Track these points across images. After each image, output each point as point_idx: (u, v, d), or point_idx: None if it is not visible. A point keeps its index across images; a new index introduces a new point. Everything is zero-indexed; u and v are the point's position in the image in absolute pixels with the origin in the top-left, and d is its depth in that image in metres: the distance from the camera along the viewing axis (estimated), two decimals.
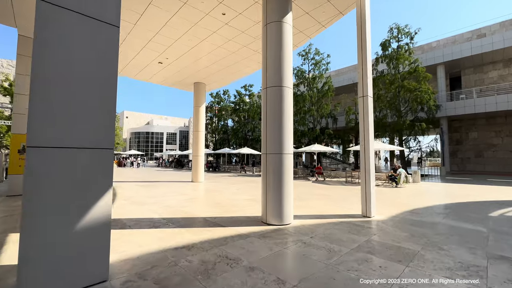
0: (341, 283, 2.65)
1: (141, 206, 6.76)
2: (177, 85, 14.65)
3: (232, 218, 5.45)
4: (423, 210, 6.51)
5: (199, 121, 13.82)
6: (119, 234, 4.22)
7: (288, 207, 5.00)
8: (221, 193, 9.38)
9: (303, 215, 5.79)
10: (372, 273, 2.89)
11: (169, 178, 16.24)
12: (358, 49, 6.05)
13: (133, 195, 8.66)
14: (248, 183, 13.42)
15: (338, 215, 5.81)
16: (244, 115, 35.56)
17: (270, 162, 5.06)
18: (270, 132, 5.10)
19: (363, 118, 5.83)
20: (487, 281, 2.72)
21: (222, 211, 6.18)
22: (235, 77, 13.04)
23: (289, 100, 5.20)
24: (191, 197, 8.48)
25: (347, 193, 9.70)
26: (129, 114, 71.46)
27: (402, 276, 2.81)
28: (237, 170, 23.89)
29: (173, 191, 9.92)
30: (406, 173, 12.00)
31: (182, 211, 6.10)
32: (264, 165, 5.19)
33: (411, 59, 19.95)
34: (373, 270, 2.95)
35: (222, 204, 7.19)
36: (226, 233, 4.38)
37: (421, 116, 20.61)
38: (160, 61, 10.94)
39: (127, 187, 10.89)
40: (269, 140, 5.11)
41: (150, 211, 6.06)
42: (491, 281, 2.73)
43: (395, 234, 4.40)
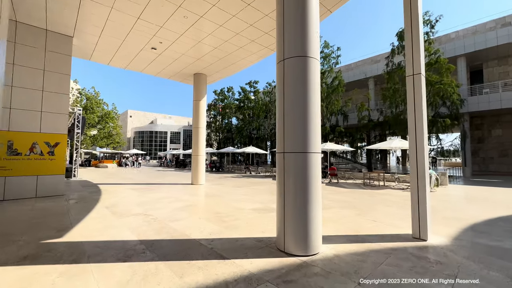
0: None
1: (121, 218, 5.34)
2: (175, 77, 13.23)
3: (236, 241, 3.98)
4: (487, 227, 4.95)
5: (199, 117, 12.37)
6: (60, 276, 2.79)
7: (316, 229, 3.51)
8: (223, 199, 7.93)
9: (332, 235, 4.30)
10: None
11: (168, 179, 14.86)
12: (405, 15, 4.52)
13: (119, 202, 7.27)
14: (254, 185, 11.95)
15: (380, 236, 4.29)
16: (249, 112, 34.09)
17: (290, 164, 3.57)
18: (289, 123, 3.61)
19: (413, 103, 4.29)
20: None
21: (222, 228, 4.72)
22: (239, 66, 11.56)
23: (316, 76, 3.70)
24: (187, 204, 7.05)
25: (372, 200, 8.15)
26: (132, 113, 70.71)
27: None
28: (242, 171, 22.46)
29: (168, 196, 8.51)
30: (436, 175, 10.39)
31: (171, 228, 4.65)
32: (281, 169, 3.70)
33: (431, 50, 18.20)
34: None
35: (224, 215, 5.73)
36: (227, 272, 2.91)
37: (442, 111, 18.86)
38: (153, 46, 9.52)
39: (117, 191, 9.52)
40: (288, 134, 3.61)
41: (129, 229, 4.62)
42: None
43: (483, 274, 2.88)
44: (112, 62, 11.14)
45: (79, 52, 10.16)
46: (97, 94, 29.27)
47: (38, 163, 8.04)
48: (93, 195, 8.61)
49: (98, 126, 29.21)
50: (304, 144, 3.51)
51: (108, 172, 20.46)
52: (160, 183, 12.76)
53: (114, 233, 4.34)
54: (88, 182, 12.89)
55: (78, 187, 10.79)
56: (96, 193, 9.07)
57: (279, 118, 3.77)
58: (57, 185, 8.36)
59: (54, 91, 8.39)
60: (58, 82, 8.48)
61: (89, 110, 27.62)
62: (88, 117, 27.09)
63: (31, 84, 7.97)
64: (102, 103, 29.41)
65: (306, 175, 3.49)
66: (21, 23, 7.84)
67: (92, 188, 10.33)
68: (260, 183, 12.98)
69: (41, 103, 8.13)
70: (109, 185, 11.41)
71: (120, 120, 68.95)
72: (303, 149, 3.51)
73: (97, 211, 6.12)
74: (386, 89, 19.85)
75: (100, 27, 8.15)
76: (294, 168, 3.54)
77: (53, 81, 8.38)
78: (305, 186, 3.48)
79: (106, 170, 23.39)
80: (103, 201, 7.38)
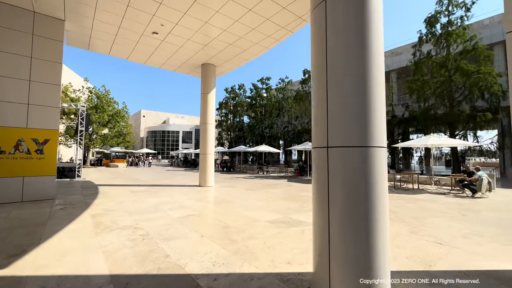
0: None
1: (102, 234, 4.16)
2: (181, 69, 12.10)
3: (251, 281, 2.66)
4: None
5: (207, 111, 11.16)
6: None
7: (383, 265, 2.14)
8: (233, 207, 6.64)
9: (393, 271, 2.89)
10: None
11: (175, 180, 13.80)
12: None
13: (111, 208, 6.15)
14: (268, 188, 10.61)
15: (464, 273, 2.85)
16: (260, 110, 32.74)
17: (339, 165, 2.21)
18: (337, 101, 2.26)
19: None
20: None
21: (231, 253, 3.42)
22: (252, 53, 10.23)
23: (379, 22, 2.32)
24: (190, 213, 5.82)
25: (415, 208, 6.60)
26: (146, 113, 71.23)
27: None
28: (254, 170, 21.16)
29: (171, 201, 7.33)
30: (488, 178, 8.65)
31: (161, 254, 3.40)
32: (321, 172, 2.35)
33: (466, 35, 16.14)
34: None
35: (234, 231, 4.44)
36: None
37: (478, 105, 16.73)
38: (154, 30, 8.38)
39: (116, 193, 8.46)
40: (335, 118, 2.26)
41: (104, 253, 3.42)
42: None
43: None
44: (113, 51, 10.12)
45: (75, 40, 9.20)
46: (108, 93, 28.85)
47: (24, 162, 7.07)
48: (87, 198, 7.57)
49: (108, 125, 28.77)
50: (364, 134, 2.14)
51: (116, 172, 19.75)
52: (166, 184, 11.67)
53: (80, 260, 3.14)
54: (90, 183, 12.01)
55: (76, 189, 9.85)
56: (92, 196, 8.04)
57: (318, 93, 2.42)
58: (46, 188, 7.37)
59: (43, 81, 7.41)
60: (47, 71, 7.49)
61: (99, 109, 27.21)
62: (99, 116, 26.68)
63: (16, 72, 7.00)
64: (112, 102, 28.97)
65: (367, 181, 2.12)
66: (4, 3, 6.88)
67: (91, 190, 9.35)
68: (274, 185, 11.61)
69: (27, 95, 7.15)
70: (110, 187, 10.42)
71: (133, 120, 69.83)
72: (363, 142, 2.14)
73: (80, 221, 4.99)
74: (413, 81, 17.90)
75: (92, 6, 7.07)
76: (346, 170, 2.17)
77: (41, 70, 7.39)
78: (366, 199, 2.11)
79: (115, 170, 22.80)
80: (93, 207, 6.28)
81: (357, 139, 2.15)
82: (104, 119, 27.26)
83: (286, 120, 32.14)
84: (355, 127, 2.17)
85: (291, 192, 9.55)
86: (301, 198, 8.24)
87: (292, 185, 12.11)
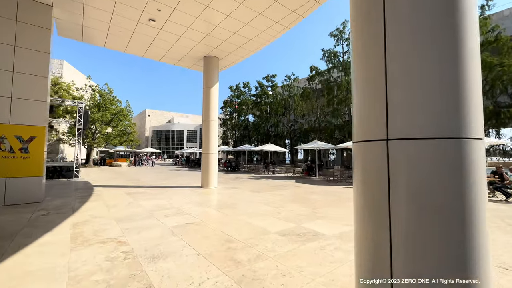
0: None
1: (77, 250, 3.39)
2: (183, 62, 11.34)
3: None
4: None
5: (210, 107, 10.38)
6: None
7: None
8: (238, 213, 5.83)
9: None
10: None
11: (177, 181, 13.07)
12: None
13: (98, 214, 5.40)
14: (276, 189, 9.76)
15: None
16: (266, 108, 31.89)
17: (406, 166, 1.37)
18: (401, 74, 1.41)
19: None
20: None
21: (234, 282, 2.60)
22: (258, 43, 9.38)
23: None
24: (187, 221, 5.03)
25: None
26: (150, 113, 71.03)
27: None
28: (259, 170, 20.33)
29: (168, 205, 6.57)
30: None
31: (143, 281, 2.60)
32: (377, 174, 1.51)
33: (488, 25, 15.01)
34: None
35: (238, 246, 3.62)
36: None
37: (500, 101, 15.56)
38: (151, 17, 7.62)
39: (110, 196, 7.75)
40: (398, 98, 1.42)
41: (70, 279, 2.64)
42: None
43: None
44: (108, 43, 9.42)
45: (67, 30, 8.51)
46: (111, 91, 28.36)
47: (7, 162, 6.39)
48: (76, 202, 6.86)
49: (111, 123, 28.28)
50: (456, 121, 1.30)
51: (118, 172, 19.17)
52: (167, 185, 10.94)
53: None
54: (87, 184, 11.36)
55: (69, 190, 9.18)
56: (83, 199, 7.33)
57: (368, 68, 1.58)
58: (32, 190, 6.68)
59: (28, 73, 6.71)
60: (33, 61, 6.80)
61: (102, 107, 26.73)
62: (102, 115, 26.20)
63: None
64: (115, 101, 28.47)
65: (461, 193, 1.27)
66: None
67: (84, 192, 8.66)
68: (282, 187, 10.77)
69: (10, 87, 6.46)
70: (107, 188, 9.73)
71: (138, 119, 69.65)
72: (452, 132, 1.29)
73: (57, 232, 4.24)
74: None
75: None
76: (421, 172, 1.33)
77: (27, 60, 6.70)
78: (461, 220, 1.27)
79: (118, 170, 22.25)
80: (79, 213, 5.54)
81: (443, 128, 1.30)
82: (107, 117, 26.77)
83: (292, 118, 31.21)
84: (439, 113, 1.32)
85: (300, 195, 8.70)
86: (312, 201, 7.39)
87: (300, 186, 11.25)
